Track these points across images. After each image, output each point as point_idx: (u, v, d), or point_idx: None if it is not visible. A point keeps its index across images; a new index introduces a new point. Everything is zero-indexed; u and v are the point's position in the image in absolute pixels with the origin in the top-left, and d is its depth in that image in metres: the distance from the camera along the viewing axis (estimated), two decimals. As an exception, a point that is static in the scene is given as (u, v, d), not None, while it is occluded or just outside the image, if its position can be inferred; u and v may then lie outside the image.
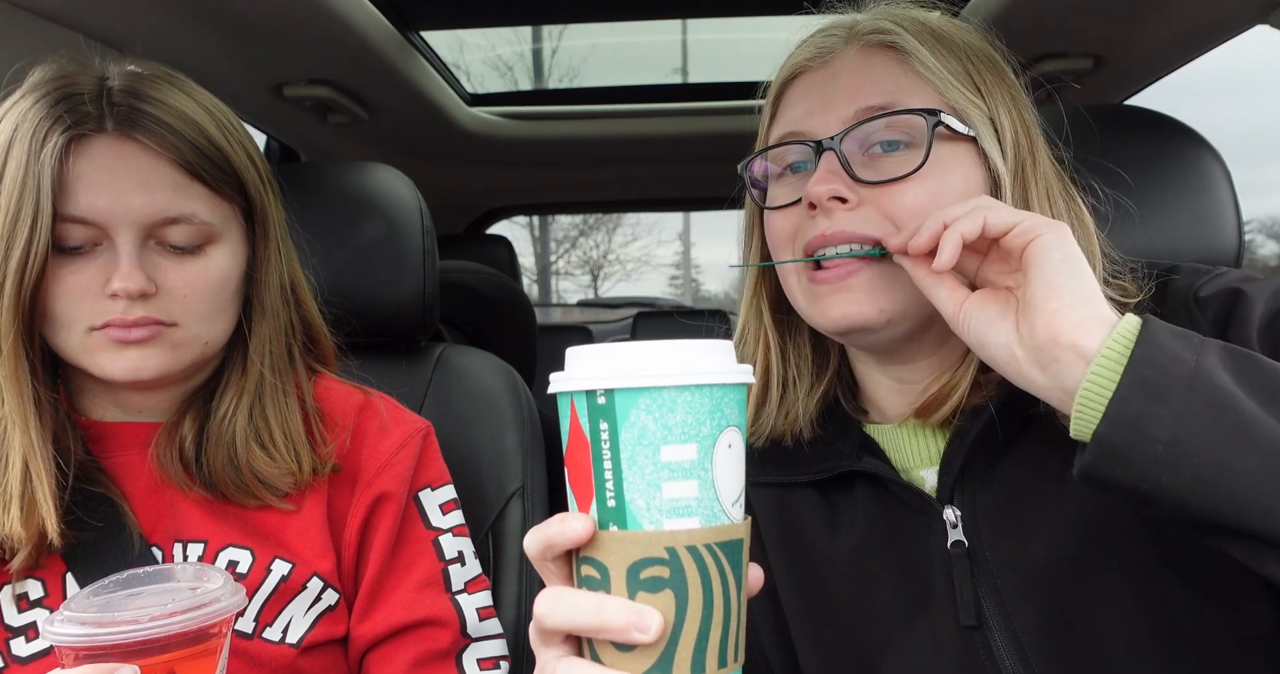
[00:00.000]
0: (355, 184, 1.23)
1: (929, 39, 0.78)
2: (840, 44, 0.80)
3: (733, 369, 0.50)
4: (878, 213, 0.75)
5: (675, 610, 0.48)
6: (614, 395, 0.48)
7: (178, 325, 0.83)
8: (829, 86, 0.79)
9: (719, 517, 0.49)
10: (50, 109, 0.78)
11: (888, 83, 0.77)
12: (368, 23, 1.53)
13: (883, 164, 0.76)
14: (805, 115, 0.80)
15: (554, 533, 0.50)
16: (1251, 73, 6.99)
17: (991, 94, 0.78)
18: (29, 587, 0.81)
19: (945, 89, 0.77)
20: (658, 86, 2.29)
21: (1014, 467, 0.75)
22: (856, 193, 0.75)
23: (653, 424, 0.48)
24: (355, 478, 0.94)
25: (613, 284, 18.10)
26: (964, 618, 0.74)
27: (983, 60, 0.80)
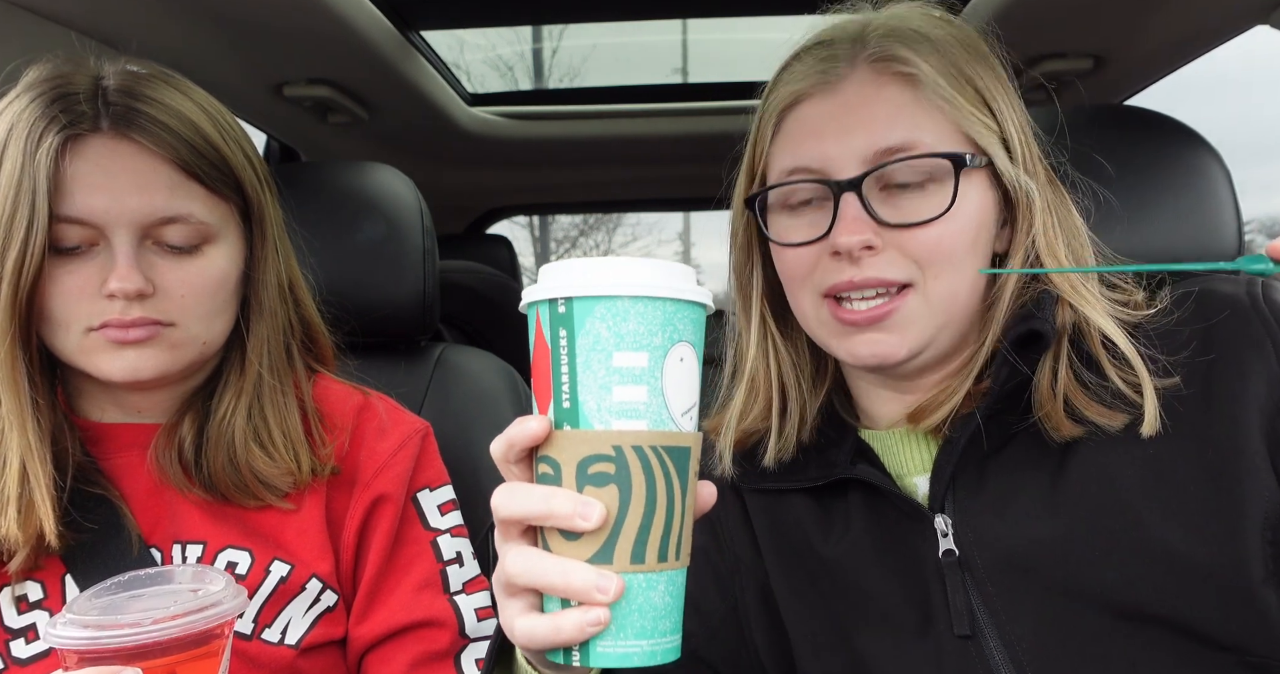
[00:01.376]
0: (355, 184, 1.23)
1: (940, 62, 0.75)
2: (846, 67, 0.76)
3: (688, 288, 0.53)
4: (901, 255, 0.74)
5: (619, 504, 0.52)
6: (572, 304, 0.52)
7: (175, 325, 0.83)
8: (842, 119, 0.75)
9: (666, 423, 0.53)
10: (46, 109, 0.78)
11: (905, 119, 0.74)
12: (368, 23, 1.53)
13: (902, 204, 0.74)
14: (816, 149, 0.76)
15: (514, 433, 0.53)
16: (1251, 73, 7.00)
17: (1000, 110, 0.76)
18: (28, 588, 0.81)
19: (962, 120, 0.75)
20: (658, 86, 2.28)
21: (1003, 473, 0.75)
22: (881, 236, 0.74)
23: (606, 331, 0.52)
24: (354, 479, 0.93)
25: (613, 284, 18.07)
26: (958, 627, 0.73)
27: (988, 72, 0.78)
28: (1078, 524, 0.71)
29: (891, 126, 0.73)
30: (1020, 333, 0.73)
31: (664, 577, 0.53)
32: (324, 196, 1.21)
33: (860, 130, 0.74)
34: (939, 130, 0.74)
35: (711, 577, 0.91)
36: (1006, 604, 0.72)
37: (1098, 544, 0.69)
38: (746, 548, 0.90)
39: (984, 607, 0.73)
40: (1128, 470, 0.70)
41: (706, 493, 0.57)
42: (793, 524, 0.86)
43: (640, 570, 0.52)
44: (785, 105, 0.79)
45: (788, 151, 0.79)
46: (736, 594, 0.90)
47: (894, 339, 0.76)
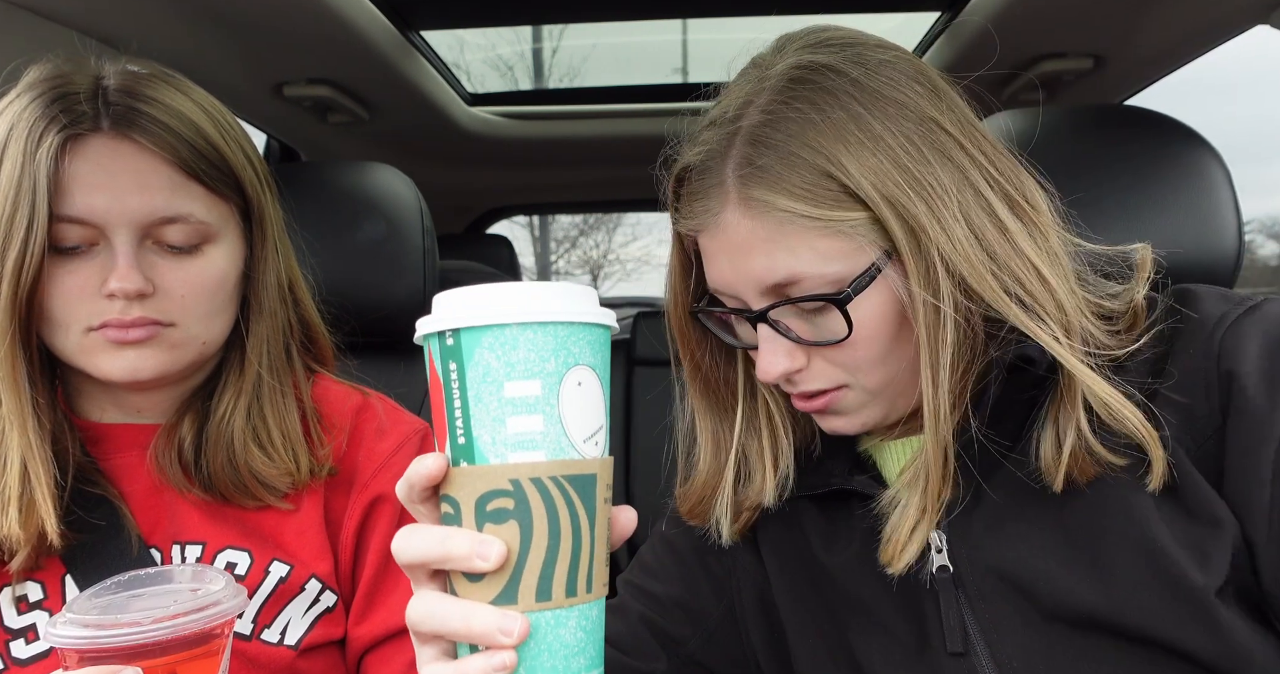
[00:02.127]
0: (355, 184, 1.23)
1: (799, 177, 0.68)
2: (718, 205, 0.72)
3: (577, 309, 0.51)
4: (829, 365, 0.74)
5: (520, 540, 0.49)
6: (460, 335, 0.50)
7: (175, 325, 0.83)
8: (731, 258, 0.73)
9: (567, 451, 0.50)
10: (46, 108, 0.78)
11: (781, 253, 0.70)
12: (368, 22, 1.53)
13: (816, 320, 0.73)
14: (723, 280, 0.75)
15: (411, 473, 0.51)
16: (1251, 73, 7.00)
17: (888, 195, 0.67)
18: (28, 589, 0.81)
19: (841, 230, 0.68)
20: (658, 86, 2.29)
21: (1000, 490, 0.74)
22: (805, 352, 0.74)
23: (496, 361, 0.49)
24: (352, 480, 0.93)
25: (613, 284, 18.11)
26: (951, 645, 0.73)
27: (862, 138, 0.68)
28: (1074, 545, 0.70)
29: (771, 264, 0.70)
30: (1015, 355, 0.69)
31: (575, 612, 0.51)
32: (324, 196, 1.21)
33: (745, 270, 0.72)
34: (817, 252, 0.69)
35: (705, 578, 0.91)
36: (998, 622, 0.72)
37: (1093, 566, 0.69)
38: (744, 551, 0.89)
39: (975, 624, 0.73)
40: (1129, 494, 0.69)
41: (625, 519, 0.55)
42: (796, 531, 0.86)
43: (547, 607, 0.50)
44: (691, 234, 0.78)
45: (709, 273, 0.77)
46: (732, 596, 0.90)
47: (844, 421, 0.77)
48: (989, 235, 0.69)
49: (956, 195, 0.68)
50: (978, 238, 0.68)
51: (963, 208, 0.68)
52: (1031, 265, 0.69)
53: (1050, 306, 0.68)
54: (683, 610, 0.90)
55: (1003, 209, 0.70)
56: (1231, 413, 0.67)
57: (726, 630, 0.89)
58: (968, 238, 0.68)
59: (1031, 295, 0.68)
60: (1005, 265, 0.68)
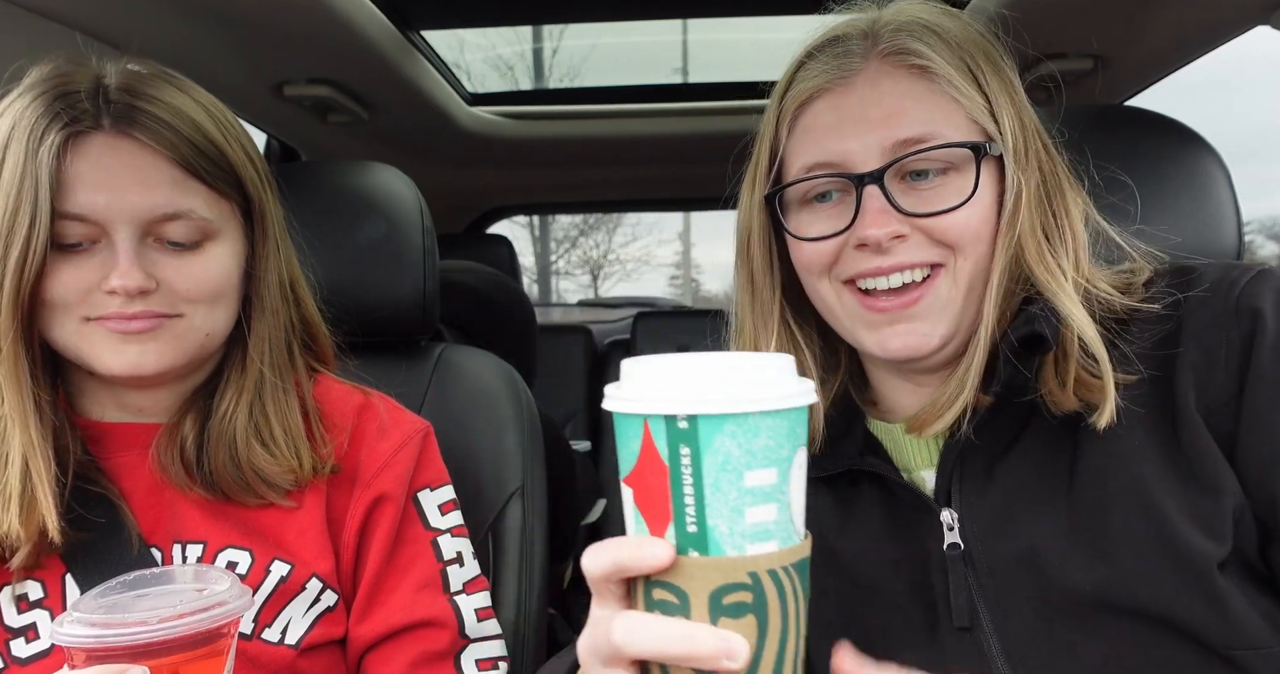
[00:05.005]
0: (355, 184, 1.23)
1: (950, 55, 0.76)
2: (860, 62, 0.77)
3: (807, 390, 0.50)
4: (928, 240, 0.76)
5: (757, 635, 0.48)
6: (698, 421, 0.47)
7: (181, 316, 0.83)
8: (859, 114, 0.76)
9: (792, 537, 0.49)
10: (47, 107, 0.78)
11: (923, 111, 0.75)
12: (368, 22, 1.53)
13: (924, 193, 0.76)
14: (836, 144, 0.77)
15: (628, 557, 0.49)
16: (1251, 73, 7.02)
17: (1001, 104, 0.77)
18: (29, 588, 0.81)
19: (973, 111, 0.76)
20: (658, 86, 2.29)
21: (1011, 469, 0.76)
22: (906, 224, 0.76)
23: (737, 450, 0.47)
24: (354, 479, 0.94)
25: (613, 284, 18.11)
26: (957, 620, 0.75)
27: (990, 65, 0.78)
28: (1084, 524, 0.71)
29: (908, 119, 0.75)
30: (1024, 335, 0.73)
31: None
32: (324, 196, 1.21)
33: (878, 124, 0.75)
34: (952, 121, 0.76)
35: None
36: (1004, 598, 0.73)
37: (1099, 539, 0.70)
38: None
39: (983, 600, 0.74)
40: (1139, 467, 0.71)
41: None
42: (811, 512, 0.86)
43: None
44: (801, 102, 0.80)
45: (806, 148, 0.79)
46: None
47: (925, 328, 0.77)
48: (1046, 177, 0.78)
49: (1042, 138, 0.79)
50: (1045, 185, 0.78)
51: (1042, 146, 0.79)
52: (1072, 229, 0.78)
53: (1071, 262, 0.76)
54: None
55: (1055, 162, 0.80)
56: (1250, 378, 0.69)
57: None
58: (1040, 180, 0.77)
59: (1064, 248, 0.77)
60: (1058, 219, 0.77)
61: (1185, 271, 0.77)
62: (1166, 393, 0.72)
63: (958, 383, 0.76)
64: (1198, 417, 0.70)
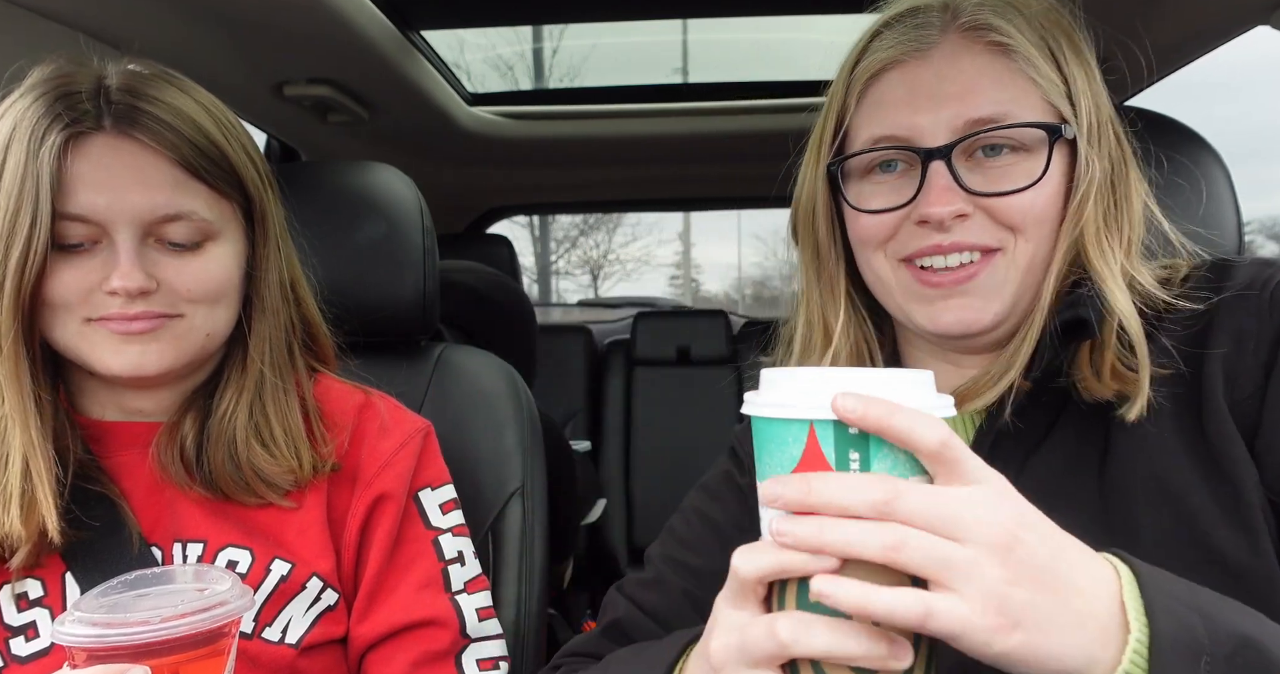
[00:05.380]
0: (355, 184, 1.23)
1: (1029, 32, 0.75)
2: (938, 35, 0.76)
3: (949, 403, 0.54)
4: (990, 221, 0.75)
5: (914, 636, 0.50)
6: None
7: (182, 316, 0.83)
8: (933, 88, 0.75)
9: None
10: (48, 107, 0.78)
11: (999, 90, 0.74)
12: (368, 22, 1.53)
13: (991, 171, 0.75)
14: (907, 117, 0.76)
15: (798, 561, 0.50)
16: (1251, 73, 7.04)
17: (1079, 88, 0.76)
18: (28, 586, 0.81)
19: (1049, 91, 0.75)
20: (658, 86, 2.29)
21: (1045, 461, 0.75)
22: (971, 203, 0.75)
23: (902, 455, 0.50)
24: (355, 478, 0.94)
25: (613, 284, 18.13)
26: None
27: (1073, 48, 0.77)
28: (1112, 519, 0.71)
29: (983, 98, 0.74)
30: (1067, 319, 0.73)
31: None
32: (324, 196, 1.21)
33: (952, 100, 0.74)
34: (1028, 101, 0.75)
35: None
36: None
37: (1129, 539, 0.69)
38: None
39: None
40: (1166, 461, 0.71)
41: None
42: None
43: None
44: (873, 73, 0.79)
45: (875, 120, 0.78)
46: None
47: (980, 304, 0.76)
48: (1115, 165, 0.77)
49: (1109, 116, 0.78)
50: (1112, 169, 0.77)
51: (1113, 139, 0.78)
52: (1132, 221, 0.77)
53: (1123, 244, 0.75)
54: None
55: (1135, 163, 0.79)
56: (1276, 370, 0.69)
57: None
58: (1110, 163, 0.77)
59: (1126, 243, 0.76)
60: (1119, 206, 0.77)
61: (1223, 268, 0.76)
62: (1195, 387, 0.72)
63: (1006, 360, 0.76)
64: (1224, 408, 0.70)
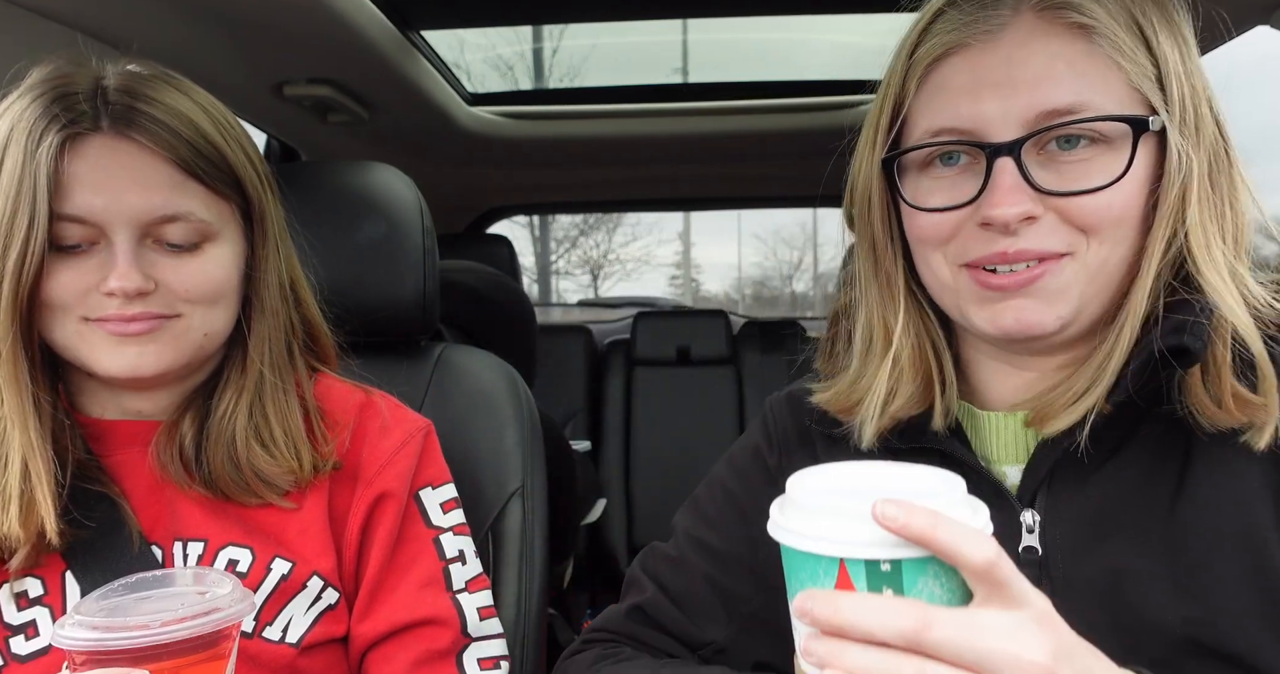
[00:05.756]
0: (355, 184, 1.23)
1: (1115, 8, 0.66)
2: (1010, 14, 0.68)
3: (986, 518, 0.52)
4: (1061, 222, 0.68)
5: None
6: (902, 565, 0.49)
7: (179, 317, 0.83)
8: (1002, 75, 0.67)
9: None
10: (46, 108, 0.78)
11: (1075, 76, 0.66)
12: (368, 22, 1.53)
13: (1064, 167, 0.67)
14: (971, 107, 0.68)
15: None
16: (1251, 73, 7.02)
17: (1170, 70, 0.67)
18: (28, 585, 0.81)
19: (1137, 76, 0.66)
20: (658, 86, 2.29)
21: (1111, 479, 0.70)
22: (1041, 203, 0.68)
23: (940, 589, 0.49)
24: (356, 477, 0.94)
25: (613, 284, 18.14)
26: None
27: (1165, 21, 0.68)
28: (1181, 556, 0.66)
29: (1060, 85, 0.66)
30: (1171, 346, 0.65)
31: None
32: (324, 196, 1.21)
33: (1023, 89, 0.67)
34: (1110, 89, 0.66)
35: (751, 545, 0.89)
36: (1081, 614, 0.69)
37: (1192, 578, 0.66)
38: None
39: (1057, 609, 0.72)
40: (1253, 508, 0.65)
41: None
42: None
43: None
44: (935, 57, 0.71)
45: (936, 109, 0.71)
46: None
47: (1043, 307, 0.69)
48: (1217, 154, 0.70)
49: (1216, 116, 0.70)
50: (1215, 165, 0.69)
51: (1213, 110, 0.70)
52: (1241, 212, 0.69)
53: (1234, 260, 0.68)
54: (745, 568, 0.88)
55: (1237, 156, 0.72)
56: None
57: None
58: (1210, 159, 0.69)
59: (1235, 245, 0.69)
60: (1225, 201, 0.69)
61: None
62: None
63: (1088, 377, 0.69)
64: None
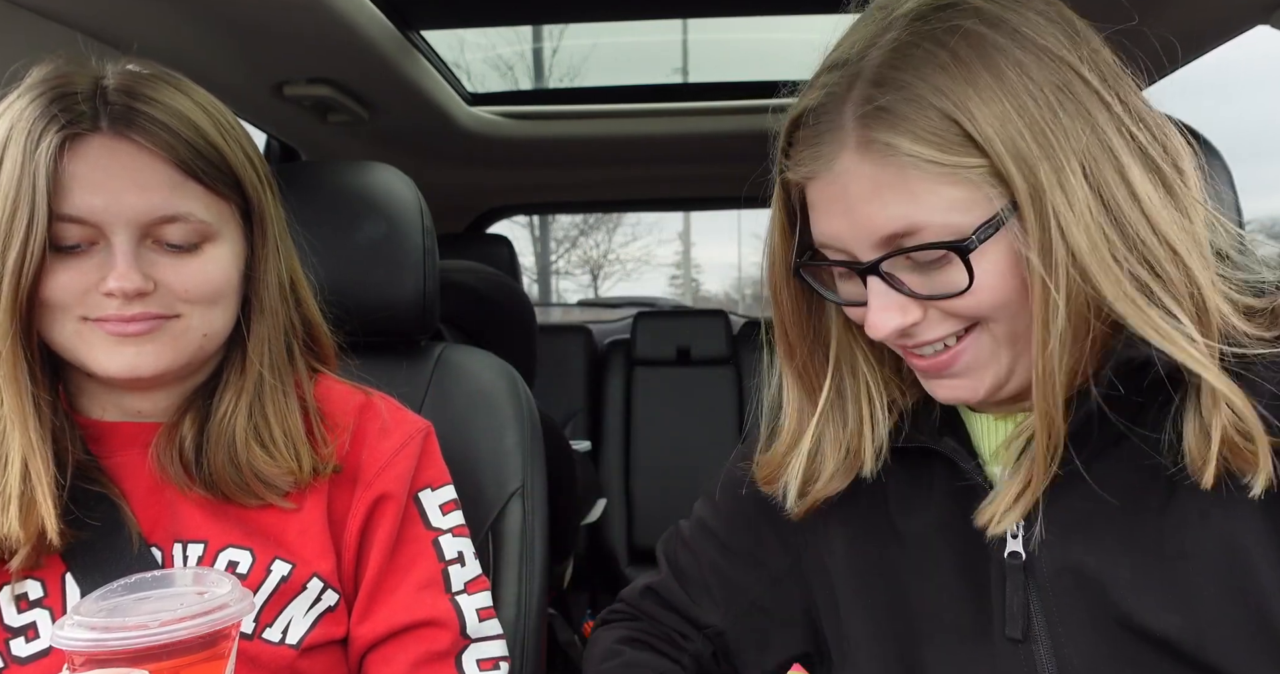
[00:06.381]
0: (355, 184, 1.23)
1: (925, 119, 0.64)
2: (833, 148, 0.68)
3: None
4: (948, 315, 0.69)
5: None
6: None
7: (178, 317, 0.83)
8: (843, 205, 0.68)
9: None
10: (45, 108, 0.78)
11: (902, 201, 0.65)
12: (368, 22, 1.53)
13: (929, 269, 0.68)
14: (832, 231, 0.71)
15: None
16: (1251, 73, 7.01)
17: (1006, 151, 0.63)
18: (28, 587, 0.81)
19: (977, 180, 0.64)
20: (658, 86, 2.29)
21: (1098, 481, 0.70)
22: (920, 306, 0.69)
23: None
24: (355, 478, 0.94)
25: (613, 284, 18.14)
26: (1010, 630, 0.72)
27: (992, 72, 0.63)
28: (1163, 562, 0.67)
29: (888, 210, 0.66)
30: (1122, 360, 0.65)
31: None
32: (324, 196, 1.21)
33: (861, 218, 0.68)
34: (943, 202, 0.65)
35: (775, 538, 0.92)
36: (1065, 617, 0.70)
37: (1178, 589, 0.66)
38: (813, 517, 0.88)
39: (1041, 614, 0.71)
40: (1244, 530, 0.65)
41: None
42: (876, 486, 0.83)
43: None
44: (799, 179, 0.73)
45: (816, 225, 0.73)
46: (800, 550, 0.90)
47: (969, 383, 0.72)
48: (1119, 205, 0.63)
49: (1086, 154, 0.63)
50: (1105, 207, 0.63)
51: (1091, 169, 0.63)
52: (1167, 244, 0.63)
53: (1184, 295, 0.63)
54: (750, 560, 0.93)
55: (1140, 175, 0.64)
56: None
57: (793, 579, 0.91)
58: (1093, 207, 0.63)
59: (1163, 280, 0.63)
60: (1135, 244, 0.63)
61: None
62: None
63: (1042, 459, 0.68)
64: None
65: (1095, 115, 0.64)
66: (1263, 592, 0.63)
